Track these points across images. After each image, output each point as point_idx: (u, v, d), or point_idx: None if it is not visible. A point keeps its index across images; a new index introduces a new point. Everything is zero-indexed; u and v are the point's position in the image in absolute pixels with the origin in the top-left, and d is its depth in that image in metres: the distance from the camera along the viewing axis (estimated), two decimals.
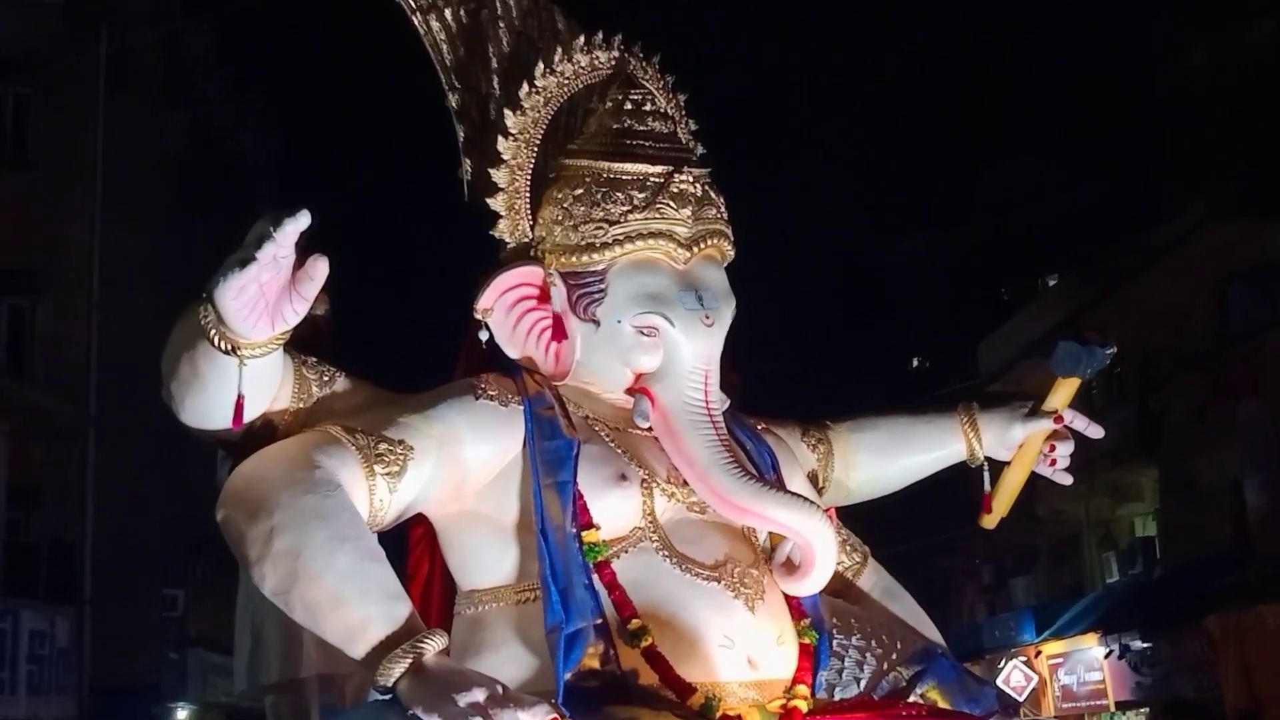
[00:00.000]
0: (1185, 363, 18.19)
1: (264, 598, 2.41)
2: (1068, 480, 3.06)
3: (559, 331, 2.73)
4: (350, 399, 2.65)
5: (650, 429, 2.68)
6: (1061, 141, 24.46)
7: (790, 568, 2.64)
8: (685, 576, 2.56)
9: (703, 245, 2.71)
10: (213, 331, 2.34)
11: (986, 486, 3.02)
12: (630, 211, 2.66)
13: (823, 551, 2.58)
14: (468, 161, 2.85)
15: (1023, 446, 3.01)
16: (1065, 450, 3.02)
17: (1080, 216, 22.27)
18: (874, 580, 2.97)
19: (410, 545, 2.76)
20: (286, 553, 2.31)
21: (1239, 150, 18.32)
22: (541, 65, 2.79)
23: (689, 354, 2.66)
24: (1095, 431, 3.00)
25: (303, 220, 2.21)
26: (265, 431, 2.57)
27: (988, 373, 22.47)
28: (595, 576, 2.51)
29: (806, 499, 2.64)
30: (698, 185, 2.72)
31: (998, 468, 3.03)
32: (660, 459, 2.68)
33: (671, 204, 2.67)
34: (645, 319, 2.65)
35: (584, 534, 2.53)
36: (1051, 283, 24.10)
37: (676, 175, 2.69)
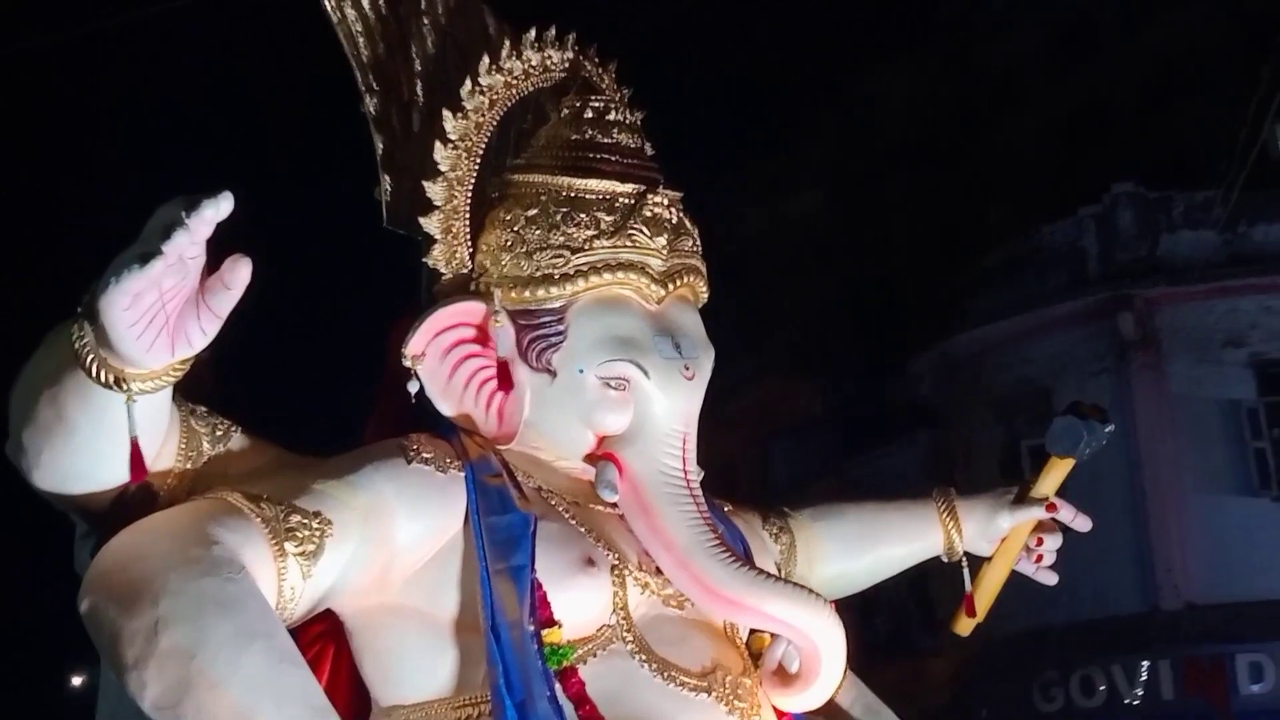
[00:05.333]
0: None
1: (139, 714, 1.80)
2: (1053, 580, 2.64)
3: (504, 383, 2.21)
4: (250, 460, 2.08)
5: (615, 504, 2.20)
6: None
7: (785, 677, 2.18)
8: (669, 687, 2.08)
9: (677, 282, 2.27)
10: (90, 357, 1.78)
11: (967, 586, 2.59)
12: (596, 237, 2.20)
13: (829, 657, 2.13)
14: (387, 178, 2.33)
15: (1006, 539, 2.59)
16: (1053, 544, 2.61)
17: None
18: (854, 695, 2.49)
19: (302, 645, 2.11)
20: (177, 653, 1.75)
21: (782, 312, 19.63)
22: (486, 60, 2.32)
23: (665, 413, 2.21)
24: (1083, 524, 2.60)
25: (225, 205, 1.67)
26: (142, 499, 1.96)
27: None
28: (559, 687, 2.00)
29: (810, 590, 2.18)
30: (672, 210, 2.28)
31: (974, 564, 2.62)
32: (629, 541, 2.19)
33: (644, 230, 2.22)
34: (614, 368, 2.18)
35: (544, 633, 2.02)
36: None
37: (650, 196, 2.24)
